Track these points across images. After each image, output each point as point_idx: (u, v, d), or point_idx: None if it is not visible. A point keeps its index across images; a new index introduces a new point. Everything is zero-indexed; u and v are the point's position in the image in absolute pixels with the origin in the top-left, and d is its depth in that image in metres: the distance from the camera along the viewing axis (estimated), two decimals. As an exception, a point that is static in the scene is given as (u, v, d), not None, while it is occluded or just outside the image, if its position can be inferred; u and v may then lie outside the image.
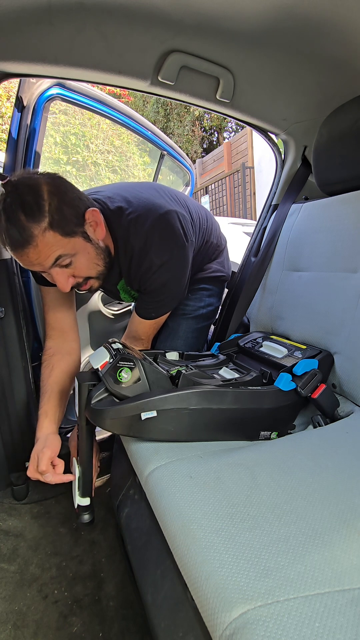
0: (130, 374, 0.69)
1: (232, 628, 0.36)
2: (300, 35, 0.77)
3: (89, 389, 0.71)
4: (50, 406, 0.83)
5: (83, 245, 0.77)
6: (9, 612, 0.75)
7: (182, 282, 0.94)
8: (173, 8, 0.69)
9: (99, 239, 0.81)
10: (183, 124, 10.24)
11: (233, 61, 0.84)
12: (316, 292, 0.91)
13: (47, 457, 0.75)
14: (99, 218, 0.79)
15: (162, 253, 0.85)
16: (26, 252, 0.71)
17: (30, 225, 0.68)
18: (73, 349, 0.94)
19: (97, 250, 0.81)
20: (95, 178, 3.96)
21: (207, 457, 0.63)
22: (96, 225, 0.79)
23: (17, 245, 0.70)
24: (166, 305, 0.96)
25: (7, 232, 0.69)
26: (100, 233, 0.81)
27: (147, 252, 0.85)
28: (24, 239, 0.69)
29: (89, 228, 0.78)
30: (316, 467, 0.56)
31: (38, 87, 0.95)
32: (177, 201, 0.98)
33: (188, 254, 0.91)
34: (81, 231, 0.76)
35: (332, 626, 0.35)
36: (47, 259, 0.73)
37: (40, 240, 0.70)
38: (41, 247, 0.71)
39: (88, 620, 0.75)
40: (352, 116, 0.83)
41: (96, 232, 0.80)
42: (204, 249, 1.09)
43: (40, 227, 0.69)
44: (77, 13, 0.68)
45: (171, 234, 0.86)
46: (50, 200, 0.70)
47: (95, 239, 0.80)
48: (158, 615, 0.56)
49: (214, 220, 1.14)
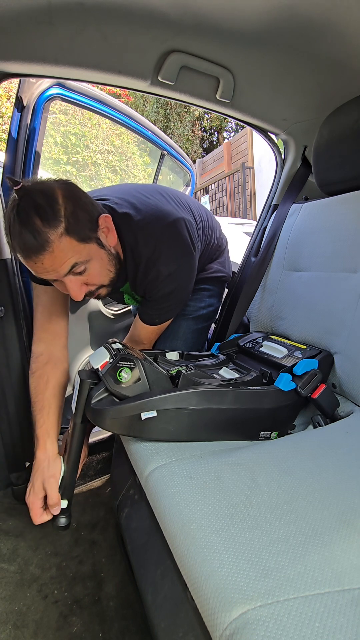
0: (130, 374, 0.69)
1: (232, 628, 0.36)
2: (300, 35, 0.77)
3: (90, 388, 0.71)
4: (51, 424, 0.81)
5: (97, 251, 0.76)
6: (9, 612, 0.75)
7: (188, 290, 0.94)
8: (173, 8, 0.69)
9: (111, 245, 0.80)
10: (183, 124, 10.24)
11: (233, 61, 0.84)
12: (316, 292, 0.91)
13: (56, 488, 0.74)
14: (110, 224, 0.78)
15: (170, 263, 0.85)
16: (41, 259, 0.68)
17: (47, 230, 0.66)
18: (64, 356, 0.92)
19: (110, 257, 0.80)
20: (95, 178, 3.96)
21: (207, 457, 0.63)
22: (108, 232, 0.78)
23: (32, 251, 0.67)
24: (170, 311, 0.95)
25: (21, 237, 0.66)
26: (112, 239, 0.80)
27: (155, 262, 0.84)
28: (40, 245, 0.66)
29: (101, 234, 0.77)
30: (316, 467, 0.56)
31: (38, 87, 0.95)
32: (182, 205, 0.97)
33: (194, 262, 0.91)
34: (95, 237, 0.75)
35: (332, 626, 0.35)
36: (62, 265, 0.70)
37: (56, 246, 0.68)
38: (57, 253, 0.68)
39: (88, 620, 0.75)
40: (352, 116, 0.83)
41: (108, 238, 0.79)
42: (206, 250, 1.09)
43: (56, 232, 0.67)
44: (77, 13, 0.68)
45: (179, 244, 0.86)
46: (65, 205, 0.68)
47: (108, 245, 0.79)
48: (158, 615, 0.56)
49: (214, 221, 1.14)
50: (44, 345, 0.89)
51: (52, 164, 3.46)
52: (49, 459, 0.77)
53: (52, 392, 0.84)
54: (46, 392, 0.83)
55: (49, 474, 0.75)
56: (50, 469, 0.76)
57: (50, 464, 0.76)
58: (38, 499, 0.74)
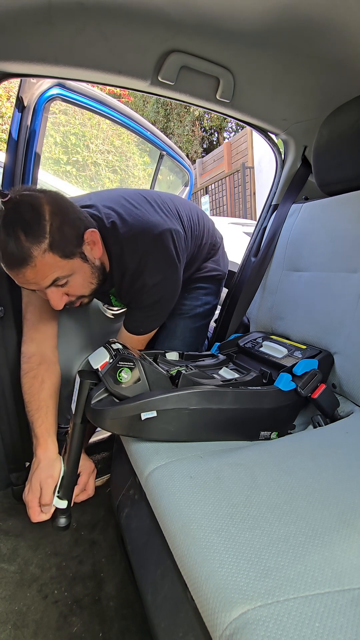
0: (130, 374, 0.69)
1: (232, 628, 0.36)
2: (300, 36, 0.77)
3: (90, 388, 0.71)
4: (50, 423, 0.81)
5: (80, 265, 0.77)
6: (9, 612, 0.75)
7: (172, 301, 0.95)
8: (173, 8, 0.69)
9: (96, 257, 0.81)
10: (183, 124, 10.24)
11: (233, 61, 0.84)
12: (316, 292, 0.91)
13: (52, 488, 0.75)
14: (97, 238, 0.79)
15: (155, 274, 0.86)
16: (23, 272, 0.69)
17: (30, 245, 0.67)
18: (56, 357, 0.92)
19: (93, 269, 0.81)
20: (95, 178, 3.96)
21: (207, 457, 0.63)
22: (94, 245, 0.79)
23: (14, 264, 0.69)
24: (155, 321, 0.96)
25: (5, 249, 0.68)
26: (97, 252, 0.80)
27: (140, 273, 0.85)
28: (23, 259, 0.68)
29: (86, 248, 0.77)
30: (316, 467, 0.56)
31: (38, 88, 0.95)
32: (170, 213, 0.96)
33: (179, 274, 0.92)
34: (79, 252, 0.76)
35: (332, 626, 0.35)
36: (44, 279, 0.72)
37: (39, 261, 0.69)
38: (39, 268, 0.70)
39: (88, 620, 0.75)
40: (352, 116, 0.83)
41: (93, 251, 0.79)
42: (199, 251, 1.09)
43: (40, 248, 0.68)
44: (77, 13, 0.68)
45: (165, 256, 0.87)
46: (52, 221, 0.69)
47: (92, 259, 0.80)
48: (158, 615, 0.56)
49: (207, 220, 1.13)
50: (36, 346, 0.89)
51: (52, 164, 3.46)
52: (49, 459, 0.77)
53: (47, 392, 0.84)
54: (42, 393, 0.84)
55: (47, 474, 0.75)
56: (49, 468, 0.76)
57: (49, 464, 0.76)
58: (36, 498, 0.74)
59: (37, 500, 0.74)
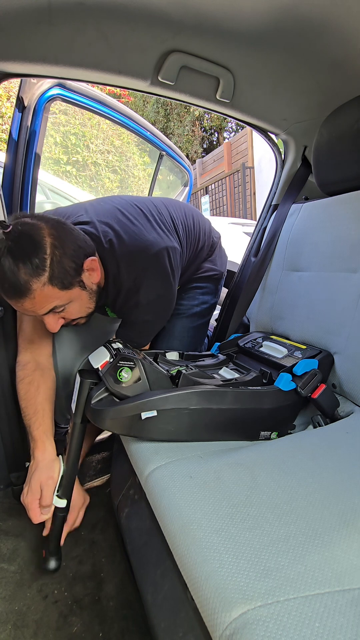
0: (131, 374, 0.69)
1: (232, 628, 0.36)
2: (300, 35, 0.77)
3: (90, 388, 0.71)
4: (47, 426, 0.82)
5: (79, 293, 0.77)
6: (9, 612, 0.75)
7: (165, 317, 0.97)
8: (173, 8, 0.69)
9: (94, 282, 0.81)
10: (183, 124, 10.24)
11: (233, 61, 0.84)
12: (316, 292, 0.91)
13: (52, 490, 0.75)
14: (96, 265, 0.79)
15: (150, 292, 0.87)
16: (21, 302, 0.70)
17: (30, 279, 0.67)
18: (50, 364, 0.93)
19: (91, 295, 0.82)
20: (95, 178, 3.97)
21: (207, 457, 0.63)
22: (92, 271, 0.79)
23: (13, 295, 0.69)
24: (147, 336, 0.98)
25: (5, 281, 0.68)
26: (96, 277, 0.81)
27: (135, 292, 0.86)
28: (21, 291, 0.68)
29: (85, 275, 0.78)
30: (316, 467, 0.56)
31: (39, 88, 0.95)
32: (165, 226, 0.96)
33: (174, 291, 0.94)
34: (78, 281, 0.76)
35: (332, 626, 0.35)
36: (42, 309, 0.73)
37: (38, 294, 0.69)
38: (38, 300, 0.70)
39: (88, 620, 0.75)
40: (352, 116, 0.83)
41: (92, 277, 0.80)
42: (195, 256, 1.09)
43: (39, 281, 0.68)
44: (77, 13, 0.68)
45: (161, 274, 0.88)
46: (52, 255, 0.69)
47: (90, 285, 0.80)
48: (158, 615, 0.56)
49: (202, 221, 1.13)
50: (30, 355, 0.90)
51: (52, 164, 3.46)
52: (47, 460, 0.77)
53: (43, 396, 0.85)
54: (38, 397, 0.84)
55: (47, 475, 0.75)
56: (49, 470, 0.76)
57: (48, 465, 0.77)
58: (35, 499, 0.74)
59: (37, 502, 0.74)
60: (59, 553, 0.80)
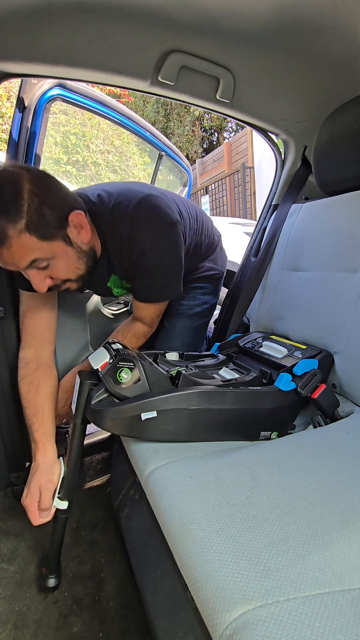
0: (130, 375, 0.69)
1: (232, 628, 0.36)
2: (300, 35, 0.77)
3: (90, 388, 0.71)
4: (48, 427, 0.81)
5: (63, 249, 0.74)
6: (9, 612, 0.75)
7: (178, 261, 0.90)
8: (173, 8, 0.69)
9: (84, 242, 0.78)
10: (183, 124, 10.24)
11: (233, 61, 0.84)
12: (316, 292, 0.91)
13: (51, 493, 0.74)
14: (83, 221, 0.76)
15: (151, 236, 0.83)
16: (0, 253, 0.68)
17: (5, 224, 0.65)
18: (53, 362, 0.92)
19: (79, 254, 0.78)
20: (95, 178, 3.96)
21: (207, 457, 0.63)
22: (80, 228, 0.76)
23: None
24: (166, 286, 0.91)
25: None
26: (85, 236, 0.77)
27: (135, 239, 0.82)
28: None
29: (72, 231, 0.75)
30: (316, 467, 0.56)
31: (39, 88, 0.95)
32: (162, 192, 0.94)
33: (178, 232, 0.88)
34: (62, 234, 0.73)
35: (332, 626, 0.35)
36: (21, 260, 0.70)
37: (14, 242, 0.67)
38: (15, 249, 0.67)
39: (88, 620, 0.75)
40: (352, 116, 0.83)
41: (80, 235, 0.77)
42: (196, 250, 1.08)
43: (15, 228, 0.66)
44: (77, 13, 0.68)
45: (156, 215, 0.84)
46: (30, 201, 0.67)
47: (77, 243, 0.77)
48: (158, 615, 0.56)
49: (205, 218, 1.13)
50: (33, 352, 0.89)
51: (52, 164, 3.46)
52: (48, 463, 0.77)
53: (44, 396, 0.84)
54: (38, 398, 0.84)
55: (47, 478, 0.75)
56: (48, 472, 0.76)
57: (49, 468, 0.76)
58: (34, 502, 0.74)
59: (36, 504, 0.74)
60: (58, 570, 0.80)
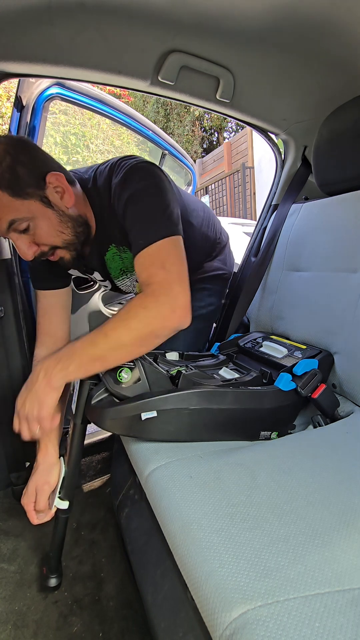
0: (130, 374, 0.69)
1: (232, 628, 0.36)
2: (300, 35, 0.77)
3: (90, 388, 0.71)
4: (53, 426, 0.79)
5: (41, 210, 0.72)
6: (9, 612, 0.75)
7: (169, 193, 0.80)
8: (173, 8, 0.69)
9: (67, 205, 0.76)
10: (183, 124, 10.23)
11: (233, 61, 0.84)
12: (316, 292, 0.91)
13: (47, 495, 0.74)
14: (64, 184, 0.74)
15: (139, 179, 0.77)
16: None
17: None
18: None
19: (62, 217, 0.76)
20: (95, 178, 3.95)
21: (207, 457, 0.63)
22: (63, 192, 0.74)
23: None
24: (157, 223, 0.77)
25: None
26: (69, 200, 0.75)
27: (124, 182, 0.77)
28: None
29: (52, 194, 0.73)
30: (316, 467, 0.56)
31: (37, 87, 0.95)
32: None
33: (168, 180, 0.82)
34: (39, 194, 0.71)
35: (332, 626, 0.35)
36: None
37: None
38: None
39: (88, 620, 0.75)
40: (352, 116, 0.83)
41: (63, 199, 0.75)
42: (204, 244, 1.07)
43: None
44: (77, 13, 0.68)
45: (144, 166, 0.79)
46: (1, 159, 0.66)
47: (59, 206, 0.75)
48: (158, 615, 0.56)
49: (212, 215, 1.12)
50: (46, 350, 0.88)
51: (52, 164, 3.45)
52: (47, 463, 0.77)
53: None
54: None
55: (44, 480, 0.75)
56: (46, 474, 0.76)
57: (47, 469, 0.76)
58: (31, 502, 0.74)
59: (32, 505, 0.74)
60: (59, 570, 0.80)
